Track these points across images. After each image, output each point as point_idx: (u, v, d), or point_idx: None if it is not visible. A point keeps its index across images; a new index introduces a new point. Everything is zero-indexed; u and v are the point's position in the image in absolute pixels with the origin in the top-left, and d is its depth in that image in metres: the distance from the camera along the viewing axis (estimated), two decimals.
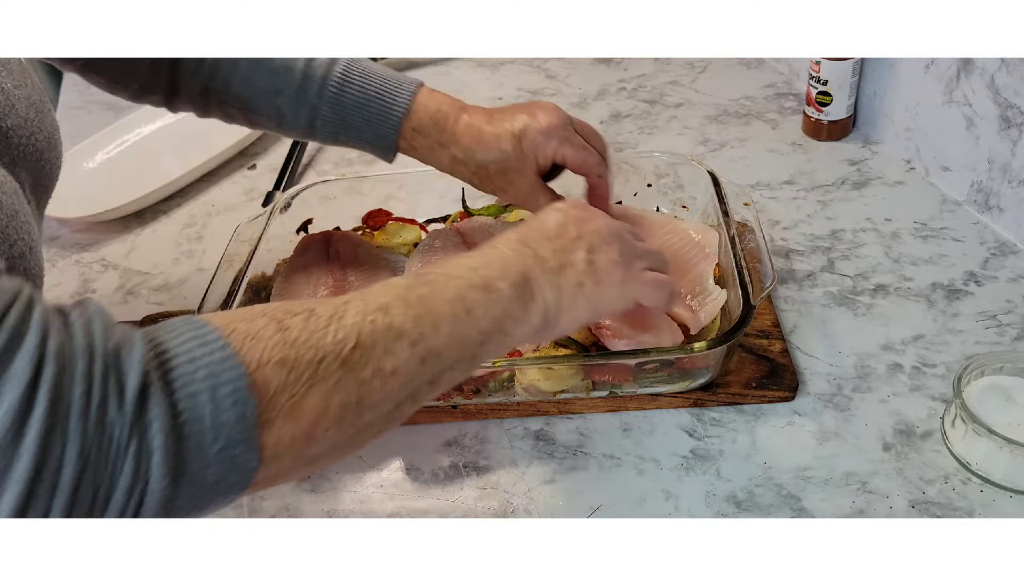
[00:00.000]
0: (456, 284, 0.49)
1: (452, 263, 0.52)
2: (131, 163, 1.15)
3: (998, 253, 0.85)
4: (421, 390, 0.47)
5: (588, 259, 0.56)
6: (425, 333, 0.46)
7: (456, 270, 0.51)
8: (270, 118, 0.75)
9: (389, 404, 0.45)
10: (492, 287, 0.50)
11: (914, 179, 0.97)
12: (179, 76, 0.74)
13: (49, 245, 1.04)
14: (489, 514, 0.66)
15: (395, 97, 0.72)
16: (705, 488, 0.65)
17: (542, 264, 0.54)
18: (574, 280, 0.55)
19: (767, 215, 0.94)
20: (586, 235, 0.57)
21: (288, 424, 0.41)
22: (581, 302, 0.55)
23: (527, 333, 0.53)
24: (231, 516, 0.68)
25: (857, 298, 0.81)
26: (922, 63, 0.93)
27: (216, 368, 0.39)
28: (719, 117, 1.14)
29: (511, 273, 0.52)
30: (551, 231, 0.56)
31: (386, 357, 0.44)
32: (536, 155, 0.71)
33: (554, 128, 0.71)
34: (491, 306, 0.50)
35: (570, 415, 0.72)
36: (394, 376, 0.45)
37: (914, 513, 0.62)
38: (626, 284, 0.57)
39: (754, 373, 0.72)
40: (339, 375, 0.42)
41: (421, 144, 0.73)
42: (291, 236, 0.88)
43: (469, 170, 0.73)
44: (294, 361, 0.41)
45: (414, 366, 0.46)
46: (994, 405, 0.64)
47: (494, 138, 0.71)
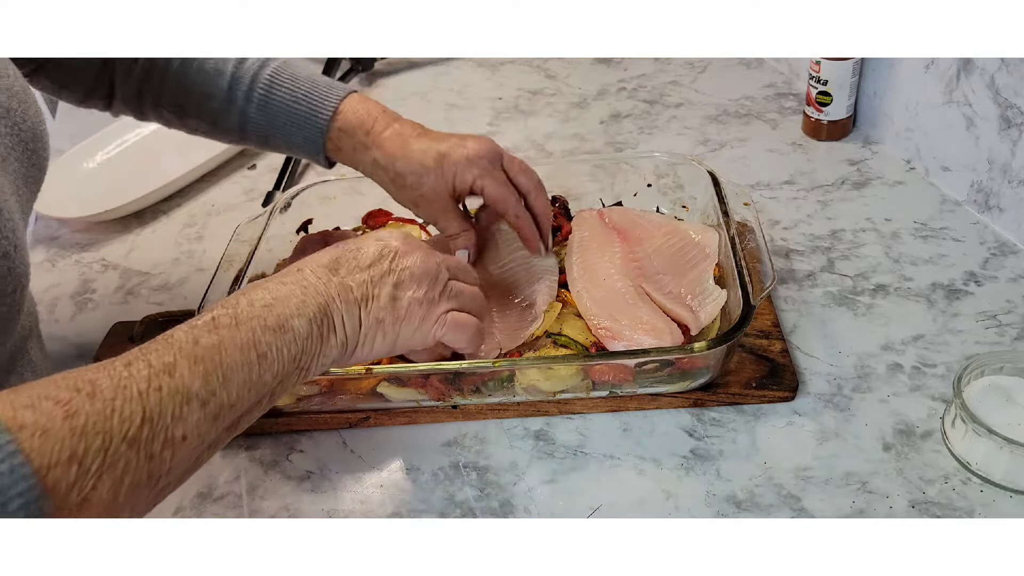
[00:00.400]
0: (248, 328, 0.48)
1: (248, 296, 0.50)
2: (131, 163, 1.15)
3: (998, 253, 0.85)
4: (220, 438, 0.46)
5: (392, 295, 0.56)
6: (215, 390, 0.45)
7: (249, 309, 0.49)
8: (203, 121, 0.76)
9: (185, 465, 0.44)
10: (287, 326, 0.50)
11: (914, 179, 0.97)
12: (114, 79, 0.75)
13: (49, 245, 1.04)
14: (489, 514, 0.66)
15: (323, 100, 0.73)
16: (705, 488, 0.65)
17: (346, 294, 0.54)
18: (375, 315, 0.55)
19: (767, 215, 0.94)
20: (397, 271, 0.57)
21: (80, 515, 0.39)
22: (379, 337, 0.56)
23: (325, 365, 0.53)
24: (231, 516, 0.68)
25: (857, 298, 0.81)
26: (922, 63, 0.93)
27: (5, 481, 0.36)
28: (719, 117, 1.14)
29: (309, 307, 0.51)
30: (364, 260, 0.56)
31: (176, 424, 0.43)
32: (455, 179, 0.71)
33: (479, 157, 0.71)
34: (286, 347, 0.49)
35: (570, 415, 0.72)
36: (185, 442, 0.43)
37: (914, 513, 0.62)
38: (426, 323, 0.58)
39: (754, 373, 0.72)
40: (127, 457, 0.40)
41: (346, 144, 0.73)
42: (291, 236, 0.88)
43: (388, 176, 0.73)
44: (83, 454, 0.39)
45: (207, 425, 0.45)
46: (994, 405, 0.64)
47: (419, 151, 0.71)
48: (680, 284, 0.75)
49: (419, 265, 0.58)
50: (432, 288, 0.58)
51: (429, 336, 0.58)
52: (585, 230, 0.81)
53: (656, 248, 0.79)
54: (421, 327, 0.58)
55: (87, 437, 0.39)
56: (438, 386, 0.71)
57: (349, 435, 0.73)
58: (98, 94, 0.76)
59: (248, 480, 0.70)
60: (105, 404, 0.41)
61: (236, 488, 0.70)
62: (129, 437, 0.41)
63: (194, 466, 0.45)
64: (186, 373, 0.44)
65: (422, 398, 0.72)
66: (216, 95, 0.74)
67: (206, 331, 0.47)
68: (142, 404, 0.42)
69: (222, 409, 0.45)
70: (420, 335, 0.58)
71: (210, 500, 0.69)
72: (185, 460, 0.44)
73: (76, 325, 0.90)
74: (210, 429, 0.45)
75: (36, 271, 1.00)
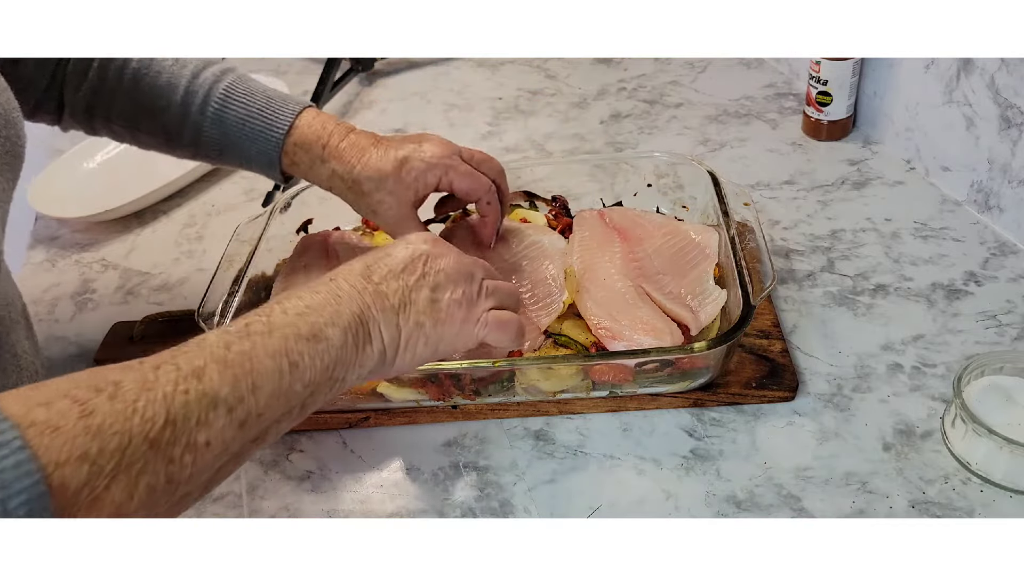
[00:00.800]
0: (280, 335, 0.47)
1: (282, 304, 0.50)
2: (131, 163, 1.15)
3: (998, 253, 0.85)
4: (245, 449, 0.45)
5: (431, 298, 0.55)
6: (244, 396, 0.44)
7: (283, 317, 0.48)
8: (155, 135, 0.76)
9: (206, 474, 0.43)
10: (321, 335, 0.49)
11: (914, 179, 0.97)
12: (64, 93, 0.74)
13: (49, 245, 1.04)
14: (489, 514, 0.66)
15: (278, 115, 0.73)
16: (705, 488, 0.65)
17: (382, 302, 0.53)
18: (414, 319, 0.54)
19: (767, 215, 0.94)
20: (432, 272, 0.56)
21: (90, 515, 0.38)
22: (420, 342, 0.54)
23: (361, 375, 0.52)
24: (231, 516, 0.68)
25: (857, 298, 0.81)
26: (922, 63, 0.93)
27: (8, 476, 0.36)
28: (719, 117, 1.14)
29: (344, 316, 0.50)
30: (397, 266, 0.55)
31: (200, 430, 0.42)
32: (416, 184, 0.71)
33: (438, 159, 0.71)
34: (319, 356, 0.48)
35: (570, 415, 0.72)
36: (208, 448, 0.42)
37: (914, 513, 0.62)
38: (467, 325, 0.56)
39: (754, 373, 0.72)
40: (146, 459, 0.40)
41: (303, 159, 0.73)
42: (291, 236, 0.88)
43: (345, 184, 0.72)
44: (97, 454, 0.38)
45: (232, 432, 0.44)
46: (994, 405, 0.64)
47: (377, 159, 0.71)
48: (680, 284, 0.75)
49: (453, 266, 0.57)
50: (469, 286, 0.57)
51: (472, 337, 0.57)
52: (585, 230, 0.81)
53: (656, 248, 0.79)
54: (463, 328, 0.56)
55: (102, 436, 0.39)
56: (438, 386, 0.71)
57: (349, 435, 0.73)
58: (46, 108, 0.75)
59: (248, 480, 0.70)
60: (126, 405, 0.40)
61: (236, 488, 0.70)
62: (150, 439, 0.40)
63: (217, 476, 0.44)
64: (215, 378, 0.43)
65: (422, 398, 0.72)
66: (169, 109, 0.73)
67: (238, 337, 0.46)
68: (166, 406, 0.41)
69: (249, 417, 0.44)
70: (463, 337, 0.57)
71: (210, 500, 0.69)
72: (207, 468, 0.43)
73: (76, 325, 0.91)
74: (236, 437, 0.44)
75: (36, 271, 1.00)
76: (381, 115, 1.25)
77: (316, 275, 0.79)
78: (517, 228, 0.82)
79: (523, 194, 0.91)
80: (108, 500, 0.38)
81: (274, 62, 1.42)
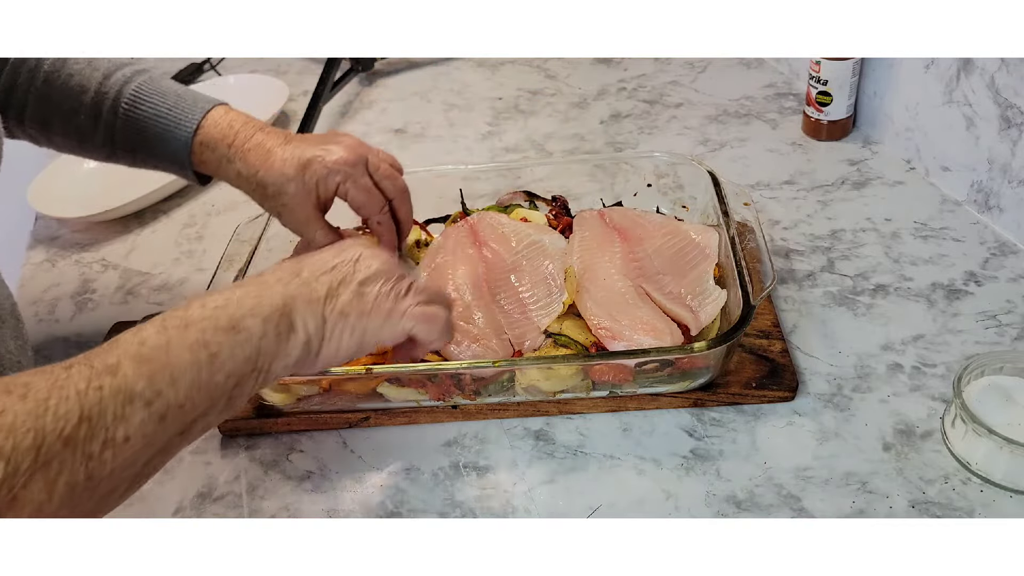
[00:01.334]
0: (198, 328, 0.47)
1: (201, 299, 0.50)
2: None
3: (998, 253, 0.85)
4: (171, 443, 0.45)
5: (358, 291, 0.55)
6: (162, 390, 0.44)
7: (200, 311, 0.48)
8: (68, 137, 0.75)
9: (131, 469, 0.43)
10: (240, 327, 0.49)
11: (914, 179, 0.97)
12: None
13: (49, 245, 1.04)
14: (489, 514, 0.66)
15: (186, 114, 0.72)
16: (705, 488, 0.65)
17: (308, 294, 0.53)
18: (339, 309, 0.54)
19: (767, 215, 0.94)
20: (361, 269, 0.56)
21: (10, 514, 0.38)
22: (346, 332, 0.54)
23: (288, 365, 0.52)
24: (231, 516, 0.68)
25: (857, 298, 0.81)
26: (922, 63, 0.93)
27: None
28: (719, 117, 1.14)
29: (265, 307, 0.51)
30: (327, 263, 0.56)
31: (117, 425, 0.42)
32: (318, 187, 0.71)
33: (341, 164, 0.70)
34: (239, 347, 0.48)
35: (570, 415, 0.72)
36: (128, 443, 0.42)
37: (914, 513, 0.62)
38: (393, 316, 0.57)
39: (754, 373, 0.72)
40: (62, 456, 0.39)
41: (210, 158, 0.73)
42: (291, 236, 0.88)
43: (250, 187, 0.72)
44: (11, 451, 0.38)
45: (152, 426, 0.43)
46: (994, 405, 0.64)
47: (280, 161, 0.70)
48: (680, 284, 0.75)
49: (383, 263, 0.58)
50: (398, 283, 0.57)
51: (398, 328, 0.57)
52: (585, 230, 0.81)
53: (656, 248, 0.79)
54: (389, 320, 0.57)
55: (16, 434, 0.38)
56: (438, 385, 0.71)
57: (349, 435, 0.73)
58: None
59: (248, 480, 0.70)
60: (38, 403, 0.40)
61: (236, 488, 0.70)
62: (64, 436, 0.40)
63: (144, 471, 0.44)
64: (130, 373, 0.43)
65: (422, 398, 0.72)
66: (81, 111, 0.73)
67: (154, 332, 0.46)
68: (79, 403, 0.41)
69: (169, 410, 0.44)
70: (388, 328, 0.57)
71: (210, 500, 0.69)
72: (130, 463, 0.43)
73: (76, 325, 0.91)
74: (157, 431, 0.44)
75: (36, 271, 1.00)
76: (381, 115, 1.25)
77: None
78: (517, 228, 0.82)
79: (523, 194, 0.91)
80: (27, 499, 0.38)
81: (274, 62, 1.42)
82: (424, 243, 0.87)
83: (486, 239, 0.81)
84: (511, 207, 0.88)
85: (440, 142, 1.16)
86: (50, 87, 0.73)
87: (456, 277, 0.77)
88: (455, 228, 0.84)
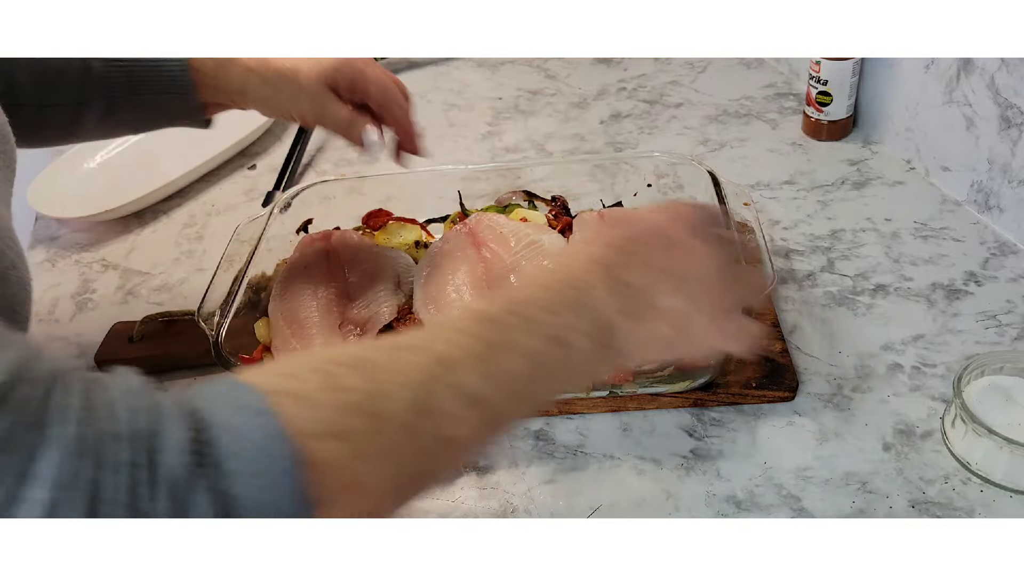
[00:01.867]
0: (536, 333, 0.44)
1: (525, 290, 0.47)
2: (131, 163, 1.15)
3: (998, 253, 0.85)
4: (484, 444, 0.45)
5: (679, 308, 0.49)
6: (494, 396, 0.42)
7: (534, 311, 0.45)
8: (64, 98, 0.72)
9: (449, 466, 0.43)
10: (571, 343, 0.45)
11: (914, 179, 0.97)
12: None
13: (49, 245, 1.04)
14: (489, 514, 0.66)
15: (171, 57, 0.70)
16: (705, 488, 0.65)
17: (624, 308, 0.48)
18: (653, 332, 0.49)
19: (767, 215, 0.94)
20: (678, 271, 0.50)
21: (348, 502, 0.36)
22: (653, 351, 0.50)
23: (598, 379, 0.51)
24: None
25: (857, 298, 0.81)
26: (922, 63, 0.93)
27: (267, 448, 0.34)
28: (719, 117, 1.14)
29: (585, 322, 0.46)
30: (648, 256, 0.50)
31: (452, 424, 0.40)
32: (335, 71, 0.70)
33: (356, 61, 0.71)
34: (565, 366, 0.45)
35: (570, 415, 0.72)
36: (454, 443, 0.41)
37: (914, 513, 0.62)
38: (708, 332, 0.51)
39: (754, 373, 0.72)
40: (401, 447, 0.38)
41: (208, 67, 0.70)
42: (291, 236, 0.88)
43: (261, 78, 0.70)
44: (351, 433, 0.36)
45: (478, 430, 0.42)
46: (994, 405, 0.64)
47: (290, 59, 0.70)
48: None
49: (706, 264, 0.51)
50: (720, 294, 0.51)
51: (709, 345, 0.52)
52: (585, 230, 0.81)
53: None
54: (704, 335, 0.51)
55: (358, 414, 0.37)
56: None
57: None
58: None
59: None
60: (378, 381, 0.38)
61: None
62: (407, 425, 0.38)
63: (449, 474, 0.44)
64: (468, 370, 0.41)
65: None
66: (70, 70, 0.70)
67: (489, 326, 0.44)
68: (417, 394, 0.39)
69: (494, 417, 0.43)
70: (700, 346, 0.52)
71: None
72: (452, 463, 0.42)
73: (76, 325, 0.90)
74: (478, 435, 0.42)
75: (36, 271, 1.00)
76: None
77: (316, 275, 0.80)
78: (516, 228, 0.82)
79: (523, 194, 0.91)
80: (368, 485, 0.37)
81: None
82: (424, 243, 0.87)
83: (485, 240, 0.81)
84: (510, 207, 0.88)
85: (440, 142, 1.16)
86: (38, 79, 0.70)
87: (456, 278, 0.77)
88: (454, 230, 0.84)
